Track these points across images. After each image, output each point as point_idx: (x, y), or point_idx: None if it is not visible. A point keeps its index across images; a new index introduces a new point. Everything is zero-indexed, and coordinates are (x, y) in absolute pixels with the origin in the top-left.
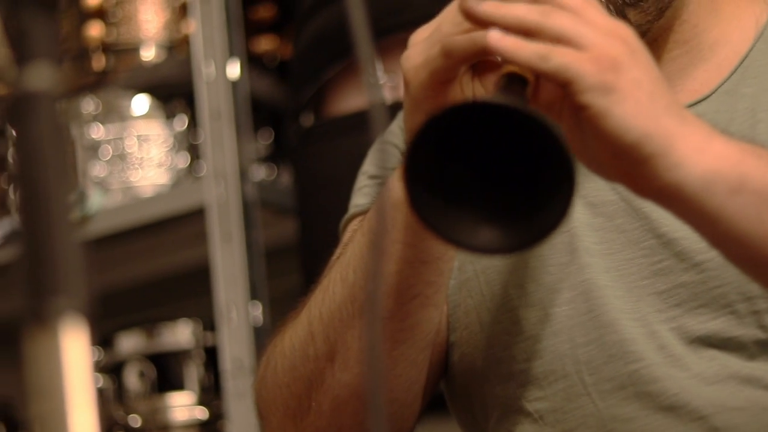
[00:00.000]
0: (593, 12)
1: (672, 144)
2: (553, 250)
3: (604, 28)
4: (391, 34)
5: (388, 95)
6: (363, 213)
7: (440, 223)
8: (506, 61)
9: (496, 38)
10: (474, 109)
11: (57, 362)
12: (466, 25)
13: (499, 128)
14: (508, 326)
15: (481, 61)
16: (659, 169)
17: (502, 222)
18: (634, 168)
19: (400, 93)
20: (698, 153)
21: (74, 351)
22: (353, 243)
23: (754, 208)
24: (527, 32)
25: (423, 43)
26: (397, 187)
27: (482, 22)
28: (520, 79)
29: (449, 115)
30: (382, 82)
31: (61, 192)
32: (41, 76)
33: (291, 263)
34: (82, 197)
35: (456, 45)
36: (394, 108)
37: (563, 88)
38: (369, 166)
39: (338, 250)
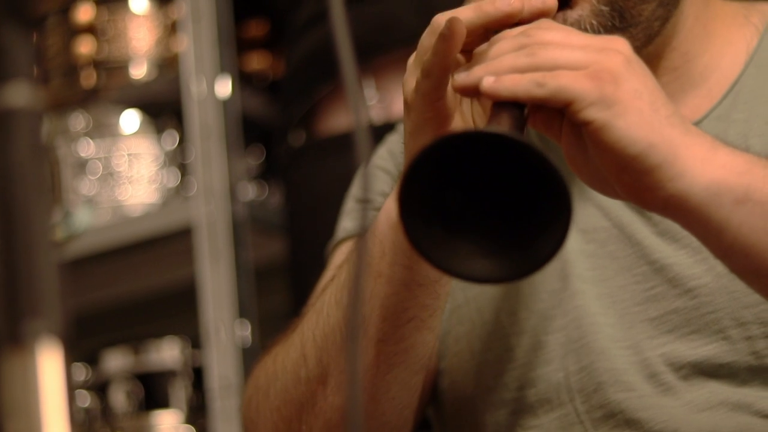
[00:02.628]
0: (579, 37)
1: (676, 153)
2: (545, 276)
3: (595, 45)
4: (381, 52)
5: (379, 114)
6: (351, 237)
7: (434, 250)
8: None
9: (489, 84)
10: (468, 139)
11: (33, 383)
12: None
13: (496, 157)
14: (500, 354)
15: None
16: (664, 180)
17: (497, 251)
18: (639, 179)
19: (391, 112)
20: (703, 162)
21: (50, 372)
22: (347, 265)
23: (759, 218)
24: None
25: (413, 66)
26: (393, 208)
27: (478, 91)
28: (516, 103)
29: (443, 145)
30: (372, 101)
31: (40, 212)
32: (20, 94)
33: (280, 282)
34: (68, 215)
35: (430, 63)
36: (385, 128)
37: (564, 108)
38: (357, 189)
39: (331, 273)
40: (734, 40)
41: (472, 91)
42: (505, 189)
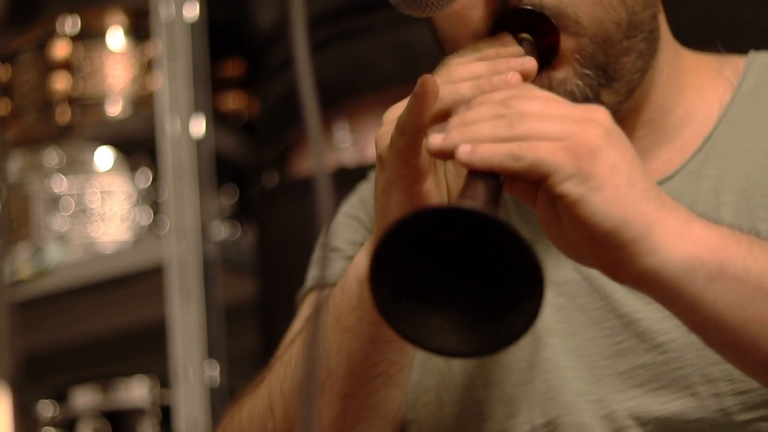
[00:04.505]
0: (558, 106)
1: (650, 229)
2: None
3: (575, 116)
4: (357, 94)
5: (353, 157)
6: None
7: (404, 322)
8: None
9: (465, 153)
10: (441, 214)
11: None
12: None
13: (470, 231)
14: (467, 406)
15: None
16: (638, 255)
17: (467, 325)
18: (613, 254)
19: (365, 154)
20: (677, 238)
21: None
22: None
23: (733, 294)
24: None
25: (391, 124)
26: (362, 264)
27: (452, 155)
28: (491, 173)
29: (415, 219)
30: (346, 143)
31: None
32: None
33: (250, 323)
34: (39, 251)
35: (404, 121)
36: (359, 170)
37: (540, 180)
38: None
39: (299, 324)
40: (707, 94)
41: (447, 156)
42: (478, 261)
